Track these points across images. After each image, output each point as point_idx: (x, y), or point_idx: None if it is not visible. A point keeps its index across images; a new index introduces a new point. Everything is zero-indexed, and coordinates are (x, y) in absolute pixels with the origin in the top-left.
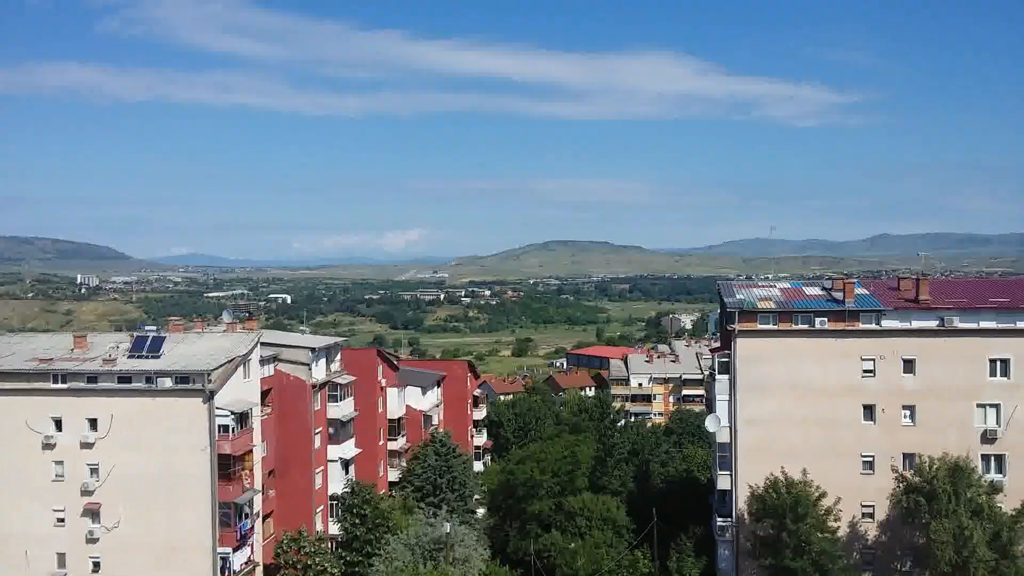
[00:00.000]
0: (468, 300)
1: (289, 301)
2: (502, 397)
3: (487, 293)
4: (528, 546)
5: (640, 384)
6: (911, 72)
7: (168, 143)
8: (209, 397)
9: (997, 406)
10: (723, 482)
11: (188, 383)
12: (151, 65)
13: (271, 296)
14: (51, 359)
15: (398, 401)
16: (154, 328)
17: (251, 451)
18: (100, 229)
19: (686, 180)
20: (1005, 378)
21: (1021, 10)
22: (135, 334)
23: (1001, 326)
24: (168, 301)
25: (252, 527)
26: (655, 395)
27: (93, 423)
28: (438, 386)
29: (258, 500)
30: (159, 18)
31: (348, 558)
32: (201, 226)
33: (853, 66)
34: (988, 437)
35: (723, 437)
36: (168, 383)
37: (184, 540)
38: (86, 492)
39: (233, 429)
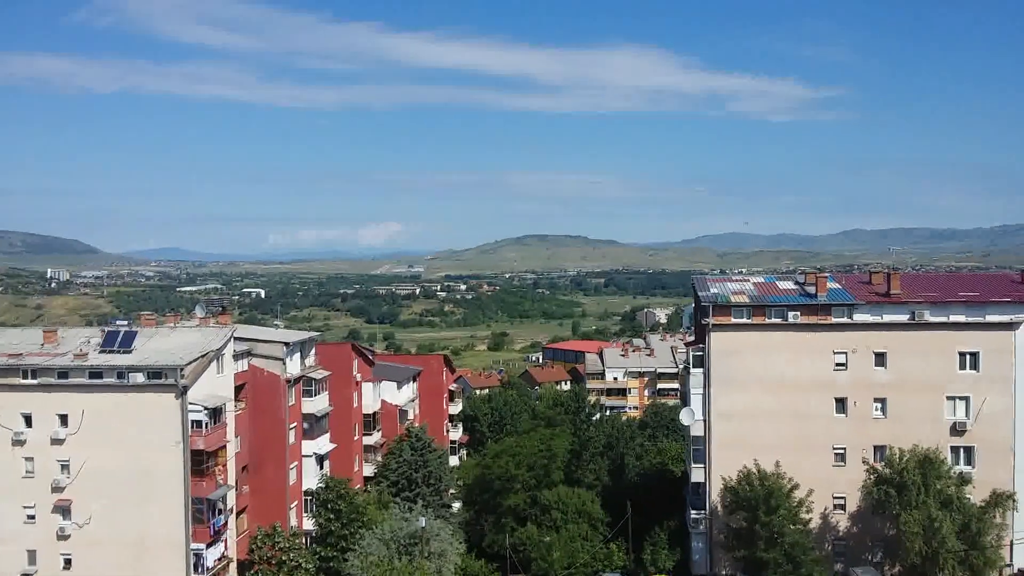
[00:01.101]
0: (444, 294)
1: (263, 295)
2: (478, 391)
3: (463, 287)
4: (503, 540)
5: (615, 378)
6: (883, 68)
7: (140, 135)
8: (182, 392)
9: (966, 399)
10: (697, 475)
11: (160, 378)
12: (122, 56)
13: (245, 290)
14: (21, 354)
15: (373, 396)
16: (126, 323)
17: (225, 446)
18: (71, 222)
19: (661, 174)
20: (974, 371)
21: (990, 8)
22: (106, 329)
23: (970, 320)
24: (140, 295)
25: (226, 523)
26: (630, 389)
27: (64, 419)
28: (414, 381)
29: (232, 496)
30: (129, 8)
31: (323, 553)
32: (174, 219)
33: (826, 62)
34: (957, 429)
35: (697, 430)
36: (140, 378)
37: (157, 536)
38: (57, 489)
39: (206, 424)
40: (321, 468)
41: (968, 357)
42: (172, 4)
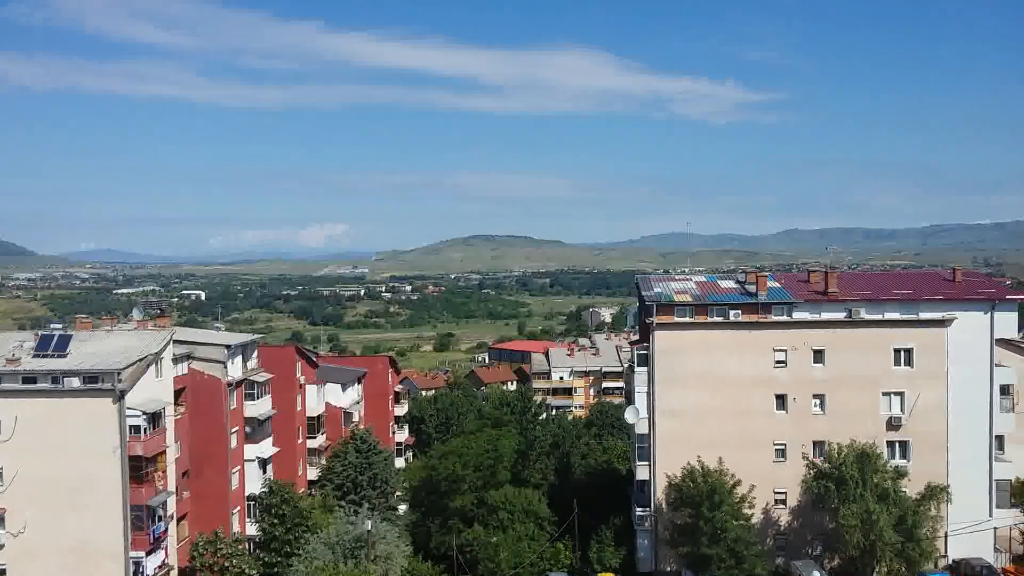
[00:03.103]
0: (389, 295)
1: (203, 297)
2: (424, 393)
3: (408, 288)
4: (450, 541)
5: (561, 377)
6: (821, 71)
7: (77, 134)
8: (119, 397)
9: (901, 394)
10: (642, 472)
11: (97, 383)
12: (59, 53)
13: (184, 292)
14: None
15: (317, 398)
16: (61, 326)
17: (164, 452)
18: (3, 224)
19: (605, 175)
20: (909, 367)
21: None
22: (40, 332)
23: (905, 317)
24: (75, 298)
25: (166, 530)
26: (576, 388)
27: None
28: (359, 383)
29: (172, 502)
30: (67, 4)
31: (266, 559)
32: (111, 221)
33: (766, 65)
34: (893, 424)
35: (642, 428)
36: (76, 383)
37: (95, 545)
38: None
39: (145, 430)
40: (264, 472)
41: (903, 353)
42: (110, 1)
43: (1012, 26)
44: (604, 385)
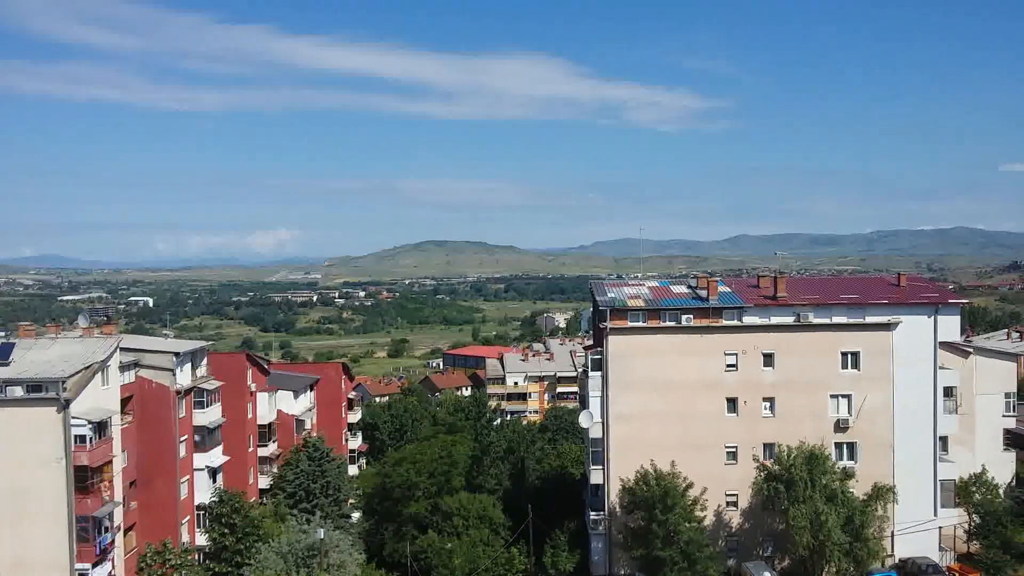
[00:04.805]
0: (342, 301)
1: (151, 304)
2: (378, 399)
3: (361, 294)
4: (404, 548)
5: (516, 383)
6: (767, 80)
7: (13, 137)
8: (64, 406)
9: (848, 396)
10: (596, 476)
11: (41, 392)
12: None
13: (131, 299)
14: None
15: (269, 406)
16: (2, 334)
17: (111, 462)
18: None
19: (557, 181)
20: (856, 370)
21: (865, 25)
22: None
23: (852, 321)
24: (18, 305)
25: (112, 541)
26: (530, 393)
27: None
28: (311, 390)
29: (119, 513)
30: (3, 4)
31: (217, 569)
32: (52, 226)
33: (714, 74)
34: (841, 426)
35: (596, 432)
36: (19, 392)
37: (39, 557)
38: None
39: (91, 439)
40: (214, 481)
41: (850, 357)
42: (48, 1)
43: (953, 40)
44: (558, 390)
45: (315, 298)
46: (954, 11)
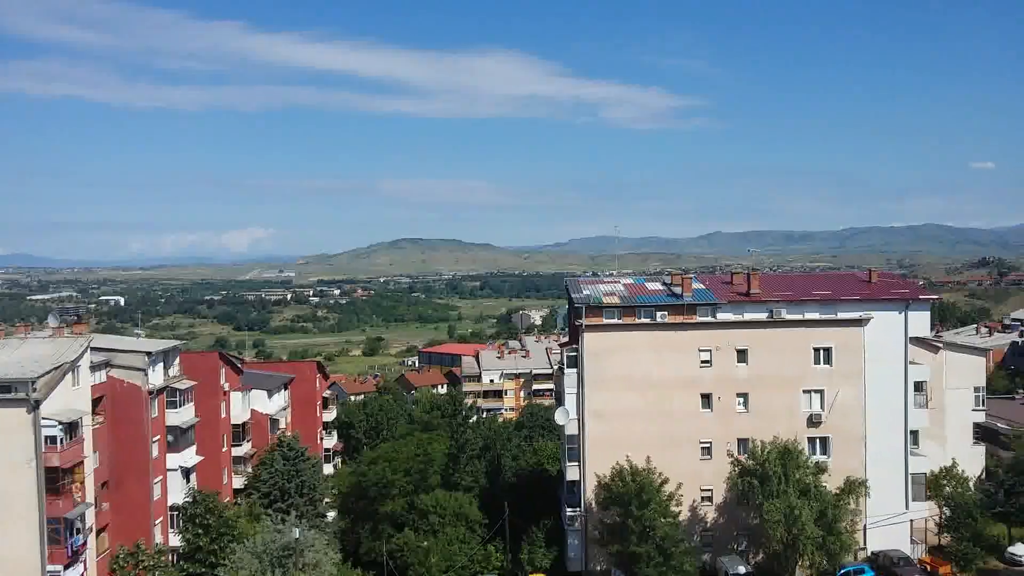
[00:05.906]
0: (317, 300)
1: (122, 303)
2: (353, 398)
3: (336, 292)
4: (381, 547)
5: (492, 380)
6: (741, 79)
7: None
8: (34, 407)
9: (821, 392)
10: (572, 473)
11: (10, 392)
12: None
13: (102, 298)
14: None
15: (242, 405)
16: None
17: (82, 463)
18: None
19: (532, 179)
20: (828, 365)
21: (837, 24)
22: None
23: (824, 317)
24: None
25: (85, 543)
26: (506, 390)
27: None
28: (285, 388)
29: (91, 514)
30: None
31: (191, 570)
32: (22, 225)
33: (689, 73)
34: (814, 421)
35: (572, 429)
36: None
37: (9, 560)
38: None
39: (61, 440)
40: (188, 482)
41: (822, 352)
42: None
43: (924, 39)
44: (534, 387)
45: (289, 296)
46: (928, 9)
